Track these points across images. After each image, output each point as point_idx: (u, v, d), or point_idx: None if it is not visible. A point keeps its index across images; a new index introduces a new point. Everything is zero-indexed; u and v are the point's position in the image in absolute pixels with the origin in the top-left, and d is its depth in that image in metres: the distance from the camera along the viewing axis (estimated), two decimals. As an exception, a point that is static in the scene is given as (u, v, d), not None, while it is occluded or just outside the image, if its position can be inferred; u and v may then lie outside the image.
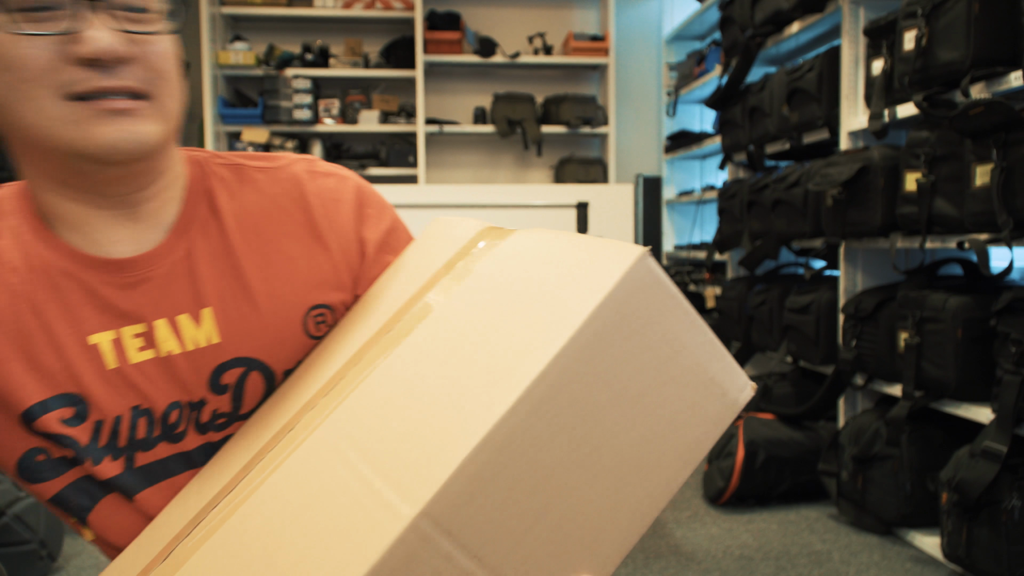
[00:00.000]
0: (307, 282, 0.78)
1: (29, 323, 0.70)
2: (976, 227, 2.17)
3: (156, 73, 0.68)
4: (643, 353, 0.56)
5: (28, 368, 0.69)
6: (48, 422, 0.70)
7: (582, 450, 0.54)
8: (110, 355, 0.72)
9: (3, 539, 2.11)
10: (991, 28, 2.12)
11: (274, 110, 4.43)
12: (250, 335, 0.76)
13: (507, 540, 0.52)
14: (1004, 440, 2.02)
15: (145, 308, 0.73)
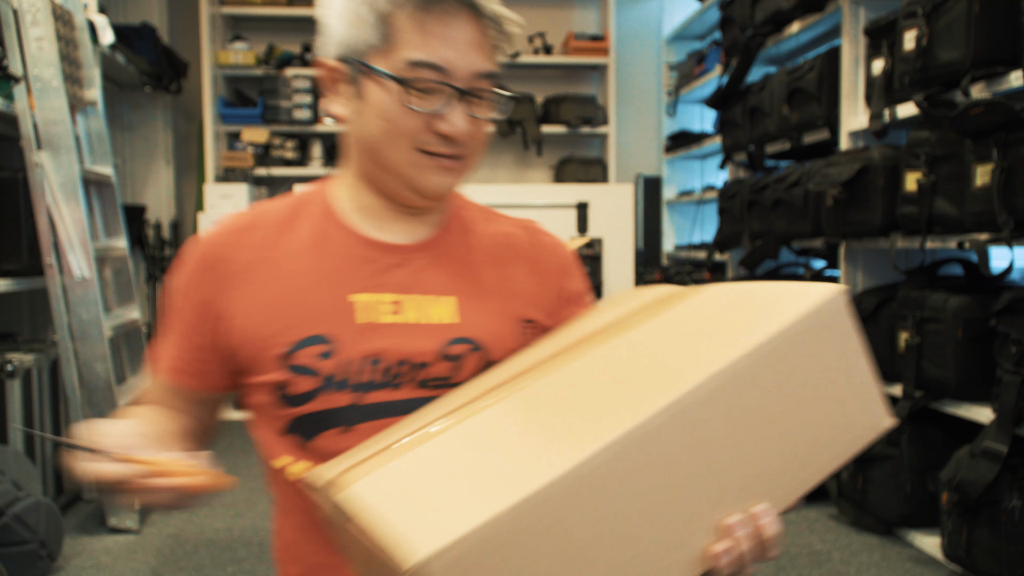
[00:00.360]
0: (524, 300, 0.99)
1: (307, 281, 0.91)
2: (976, 227, 2.16)
3: (477, 143, 0.92)
4: (826, 360, 0.73)
5: (300, 312, 0.90)
6: (303, 356, 0.88)
7: (773, 410, 0.70)
8: (362, 312, 0.91)
9: (3, 539, 2.11)
10: (991, 28, 2.12)
11: (274, 110, 4.43)
12: (479, 324, 0.94)
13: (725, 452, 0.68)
14: (1004, 440, 2.01)
15: (400, 284, 0.93)
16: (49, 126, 2.54)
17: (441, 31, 0.86)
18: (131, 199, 4.48)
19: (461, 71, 0.87)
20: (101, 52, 3.34)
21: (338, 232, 0.94)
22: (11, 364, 2.52)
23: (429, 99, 0.87)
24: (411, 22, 0.86)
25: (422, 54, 0.86)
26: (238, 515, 2.81)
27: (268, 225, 0.95)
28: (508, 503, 0.60)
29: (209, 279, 0.93)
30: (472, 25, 0.87)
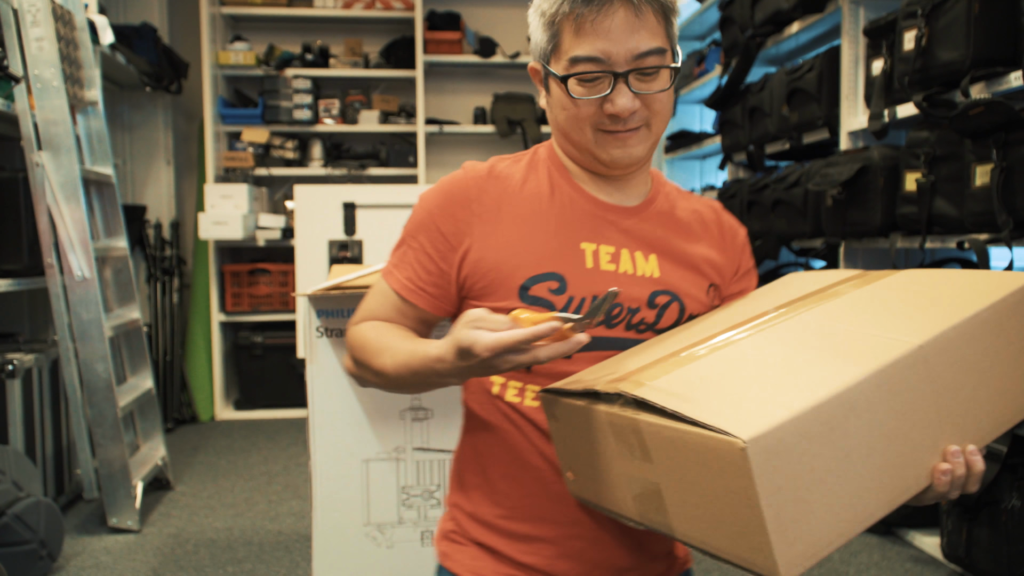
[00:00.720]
0: (710, 267, 1.13)
1: (545, 226, 1.07)
2: (976, 227, 2.17)
3: (652, 112, 1.04)
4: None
5: (539, 252, 1.05)
6: (539, 289, 1.04)
7: (985, 365, 0.88)
8: (590, 258, 1.06)
9: (3, 539, 2.11)
10: (991, 28, 2.12)
11: (274, 110, 4.43)
12: (678, 280, 1.10)
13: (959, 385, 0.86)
14: (1004, 440, 2.02)
15: (618, 239, 1.09)
16: (49, 126, 2.54)
17: (596, 26, 0.98)
18: (131, 199, 4.48)
19: (619, 56, 0.98)
20: (101, 52, 3.35)
21: (570, 188, 1.10)
22: (11, 364, 2.52)
23: (594, 87, 1.01)
24: (570, 23, 0.99)
25: (580, 50, 0.99)
26: (238, 515, 2.81)
27: (511, 175, 1.10)
28: (813, 402, 0.73)
29: (460, 215, 1.07)
30: (626, 11, 0.98)
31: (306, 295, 1.77)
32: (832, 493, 0.75)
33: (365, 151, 4.66)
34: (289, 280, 4.38)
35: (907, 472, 0.82)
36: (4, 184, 2.65)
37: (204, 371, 4.34)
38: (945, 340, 0.83)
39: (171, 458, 3.31)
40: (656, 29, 1.00)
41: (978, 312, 0.86)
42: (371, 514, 1.83)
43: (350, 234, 2.69)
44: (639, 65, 0.99)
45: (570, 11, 0.98)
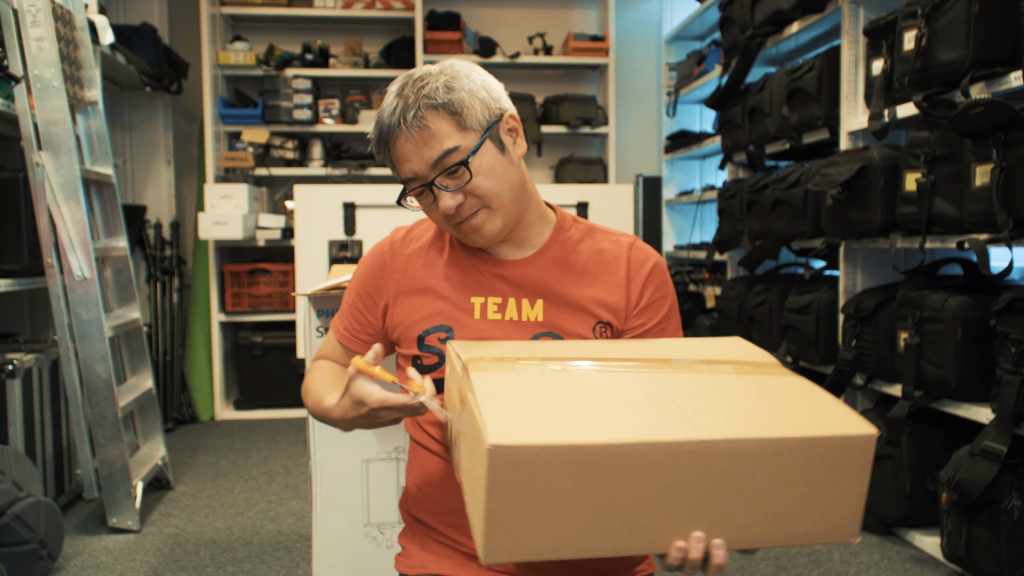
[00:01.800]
0: (602, 307, 1.21)
1: (441, 285, 1.22)
2: (976, 227, 2.17)
3: (480, 195, 1.14)
4: (836, 473, 0.89)
5: (433, 308, 1.21)
6: (431, 339, 1.20)
7: (774, 484, 0.88)
8: (478, 311, 1.20)
9: (3, 539, 2.11)
10: (991, 28, 2.12)
11: (274, 110, 4.43)
12: (562, 321, 1.20)
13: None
14: (1004, 440, 2.02)
15: (505, 290, 1.21)
16: (49, 126, 2.54)
17: (397, 155, 1.14)
18: (131, 199, 4.48)
19: (422, 170, 1.12)
20: (101, 52, 3.35)
21: (465, 252, 1.24)
22: (11, 364, 2.52)
23: (424, 198, 1.16)
24: (387, 159, 1.17)
25: (401, 174, 1.15)
26: (238, 515, 2.81)
27: (421, 238, 1.27)
28: (576, 441, 0.82)
29: (379, 276, 1.25)
30: (404, 137, 1.11)
31: (306, 295, 1.77)
32: (562, 516, 0.84)
33: (365, 151, 4.66)
34: (289, 280, 4.38)
35: (643, 534, 0.88)
36: (4, 184, 2.65)
37: (204, 371, 4.34)
38: (739, 445, 0.85)
39: (171, 458, 3.31)
40: (441, 131, 1.10)
41: (791, 438, 0.87)
42: (371, 514, 1.83)
43: (350, 234, 2.69)
44: (441, 168, 1.11)
45: (378, 153, 1.16)
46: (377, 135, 1.14)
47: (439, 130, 1.10)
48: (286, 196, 4.67)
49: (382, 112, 1.13)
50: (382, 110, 1.13)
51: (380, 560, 1.83)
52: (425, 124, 1.10)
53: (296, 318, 3.03)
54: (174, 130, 4.58)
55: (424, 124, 1.10)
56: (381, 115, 1.13)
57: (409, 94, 1.11)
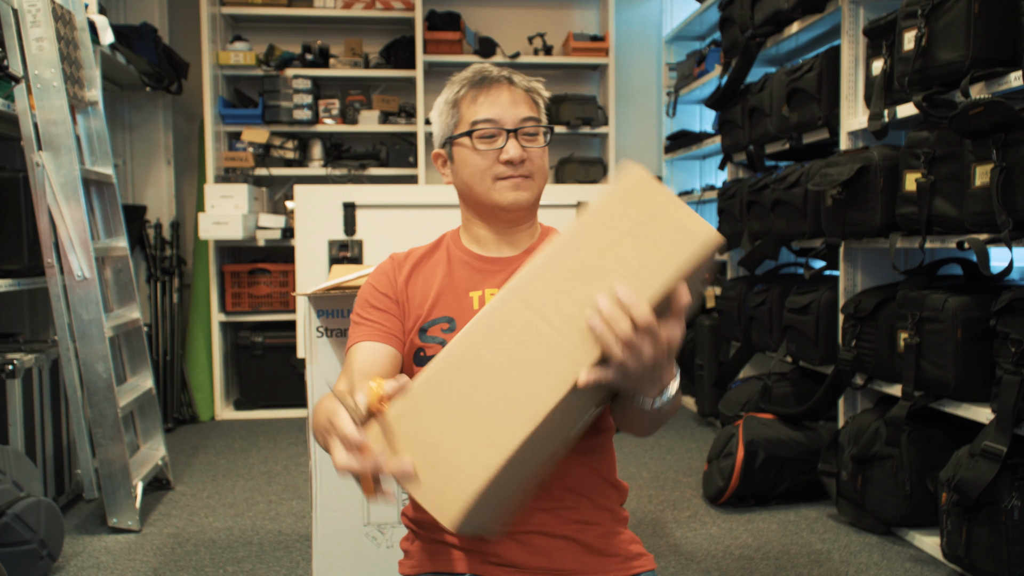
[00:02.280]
0: None
1: (441, 284, 1.32)
2: (976, 227, 2.17)
3: (536, 166, 1.30)
4: (644, 208, 0.97)
5: (434, 302, 1.30)
6: (434, 330, 1.29)
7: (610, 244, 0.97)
8: (476, 302, 1.30)
9: (3, 539, 2.11)
10: (991, 28, 2.12)
11: (274, 110, 4.43)
12: None
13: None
14: (1004, 440, 2.02)
15: (499, 284, 1.27)
16: (49, 126, 2.54)
17: (488, 98, 1.28)
18: (131, 199, 4.48)
19: (508, 118, 1.27)
20: (101, 52, 3.35)
21: (461, 253, 1.35)
22: (11, 364, 2.52)
23: (492, 141, 1.27)
24: (468, 100, 1.29)
25: (478, 115, 1.27)
26: (238, 515, 2.81)
27: (421, 254, 1.38)
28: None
29: (392, 279, 1.34)
30: (510, 90, 1.29)
31: (306, 295, 1.77)
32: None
33: (365, 151, 4.66)
34: (289, 280, 4.38)
35: (550, 369, 0.92)
36: (4, 184, 2.65)
37: (204, 371, 4.34)
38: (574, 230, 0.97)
39: (171, 458, 3.31)
40: (531, 105, 1.30)
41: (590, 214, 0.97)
42: (371, 514, 1.83)
43: (350, 234, 2.69)
44: (522, 127, 1.28)
45: (467, 92, 1.29)
46: (473, 77, 1.29)
47: (529, 103, 1.30)
48: (286, 196, 4.67)
49: (481, 67, 1.31)
50: (480, 67, 1.31)
51: (380, 560, 1.83)
52: (524, 90, 1.30)
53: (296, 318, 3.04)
54: (174, 130, 4.58)
55: (524, 89, 1.30)
56: (480, 68, 1.30)
57: (510, 72, 1.31)
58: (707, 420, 4.08)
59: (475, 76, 1.30)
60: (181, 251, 4.53)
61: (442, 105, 1.33)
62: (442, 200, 3.12)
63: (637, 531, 2.60)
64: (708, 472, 2.95)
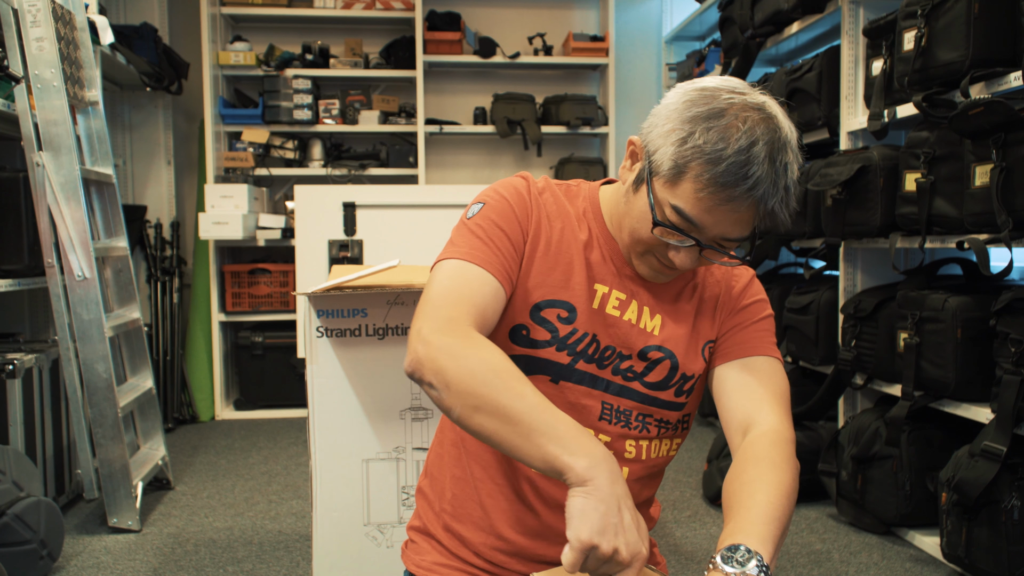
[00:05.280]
0: (709, 329, 1.18)
1: (572, 262, 1.12)
2: (976, 227, 2.17)
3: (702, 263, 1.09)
4: None
5: (559, 280, 1.11)
6: (550, 313, 1.10)
7: None
8: (598, 299, 1.12)
9: (4, 539, 2.11)
10: (991, 28, 2.12)
11: (274, 110, 4.43)
12: (674, 341, 1.15)
13: None
14: (1003, 440, 2.02)
15: (632, 290, 1.14)
16: (50, 126, 2.54)
17: (716, 208, 0.98)
18: (132, 199, 4.48)
19: (711, 232, 1.01)
20: (101, 52, 3.35)
21: (604, 239, 1.15)
22: (12, 364, 2.52)
23: (672, 235, 1.02)
24: (696, 184, 0.97)
25: (688, 210, 0.99)
26: (238, 515, 2.81)
27: (563, 208, 1.15)
28: None
29: (531, 217, 1.12)
30: (748, 211, 1.00)
31: (306, 295, 1.77)
32: None
33: (365, 151, 4.66)
34: (289, 280, 4.38)
35: None
36: (4, 184, 2.66)
37: (204, 371, 4.34)
38: None
39: (171, 458, 3.31)
40: (752, 224, 1.03)
41: None
42: (371, 514, 1.83)
43: (350, 234, 2.69)
44: (722, 244, 1.03)
45: (703, 179, 0.97)
46: (724, 175, 0.95)
47: (758, 219, 1.02)
48: (286, 196, 4.67)
49: (749, 162, 0.95)
50: (750, 158, 0.95)
51: (380, 560, 1.83)
52: (766, 214, 1.01)
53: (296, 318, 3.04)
54: (174, 130, 4.58)
55: (766, 214, 1.01)
56: (746, 163, 0.95)
57: (780, 175, 0.99)
58: (707, 420, 4.08)
59: (730, 179, 0.95)
60: (181, 251, 4.53)
61: (673, 123, 1.00)
62: (442, 200, 3.12)
63: (637, 531, 2.60)
64: (708, 472, 2.95)
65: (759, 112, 0.98)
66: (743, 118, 0.97)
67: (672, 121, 1.00)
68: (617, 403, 1.13)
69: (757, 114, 0.97)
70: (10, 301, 3.36)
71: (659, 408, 1.15)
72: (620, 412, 1.14)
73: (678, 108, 1.00)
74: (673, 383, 1.15)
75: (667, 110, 1.02)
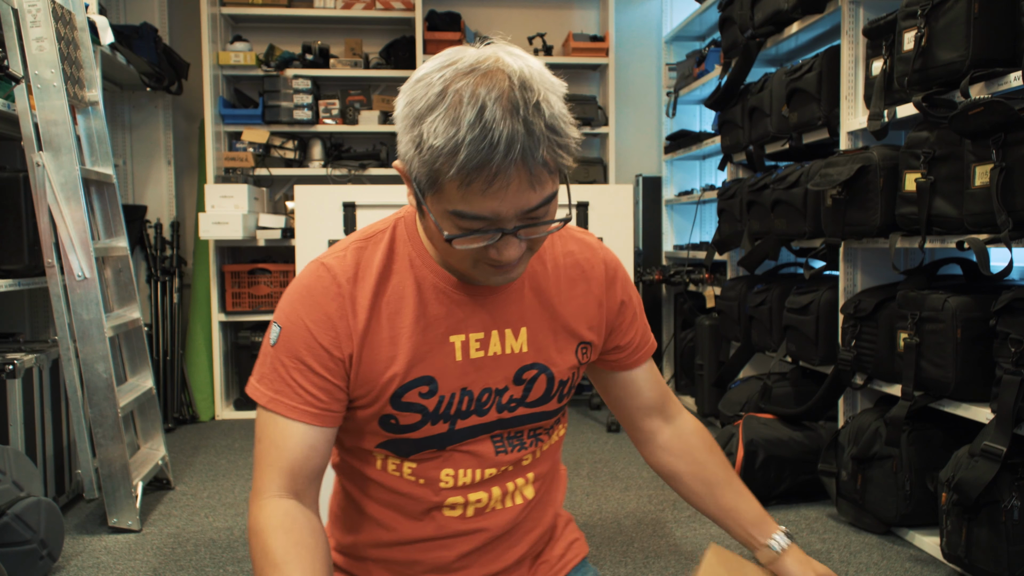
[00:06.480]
0: (583, 321, 1.12)
1: (413, 326, 1.01)
2: (976, 227, 2.17)
3: (537, 243, 0.96)
4: None
5: (409, 356, 1.01)
6: (411, 395, 1.02)
7: None
8: (459, 351, 1.03)
9: (3, 539, 2.11)
10: (990, 28, 2.12)
11: (274, 110, 4.43)
12: (546, 349, 1.09)
13: None
14: (1003, 440, 2.02)
15: (487, 322, 1.05)
16: (50, 126, 2.54)
17: (487, 192, 0.85)
18: (132, 199, 4.48)
19: (508, 215, 0.88)
20: (101, 52, 3.35)
21: (434, 276, 1.03)
22: (12, 364, 2.52)
23: (474, 240, 0.91)
24: (455, 182, 0.85)
25: (465, 207, 0.87)
26: (238, 515, 2.81)
27: (372, 269, 1.02)
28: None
29: (338, 325, 1.00)
30: (521, 178, 0.86)
31: (306, 295, 1.77)
32: None
33: (365, 151, 4.66)
34: (289, 280, 4.38)
35: None
36: (4, 184, 2.66)
37: (204, 371, 4.34)
38: None
39: (171, 458, 3.31)
40: (550, 176, 0.89)
41: None
42: (371, 514, 1.83)
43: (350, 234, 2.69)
44: (530, 216, 0.90)
45: (456, 175, 0.84)
46: (470, 160, 0.83)
47: (548, 175, 0.88)
48: (286, 196, 4.67)
49: (487, 130, 0.83)
50: (486, 127, 0.83)
51: (380, 560, 1.82)
52: (543, 166, 0.86)
53: (296, 318, 3.06)
54: (174, 130, 4.58)
55: (542, 166, 0.86)
56: (486, 134, 0.83)
57: (532, 120, 0.85)
58: (707, 420, 4.08)
59: (472, 160, 0.83)
60: (181, 251, 4.53)
61: (410, 127, 0.89)
62: (442, 200, 3.12)
63: (637, 531, 2.60)
64: (708, 472, 2.95)
65: (474, 72, 0.86)
66: (461, 88, 0.85)
67: (405, 130, 0.89)
68: (507, 432, 1.11)
69: (473, 76, 0.86)
70: (10, 301, 3.36)
71: (546, 418, 1.14)
72: (512, 438, 1.12)
73: (402, 112, 0.90)
74: (553, 393, 1.12)
75: (399, 120, 0.91)
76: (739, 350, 3.62)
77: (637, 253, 4.73)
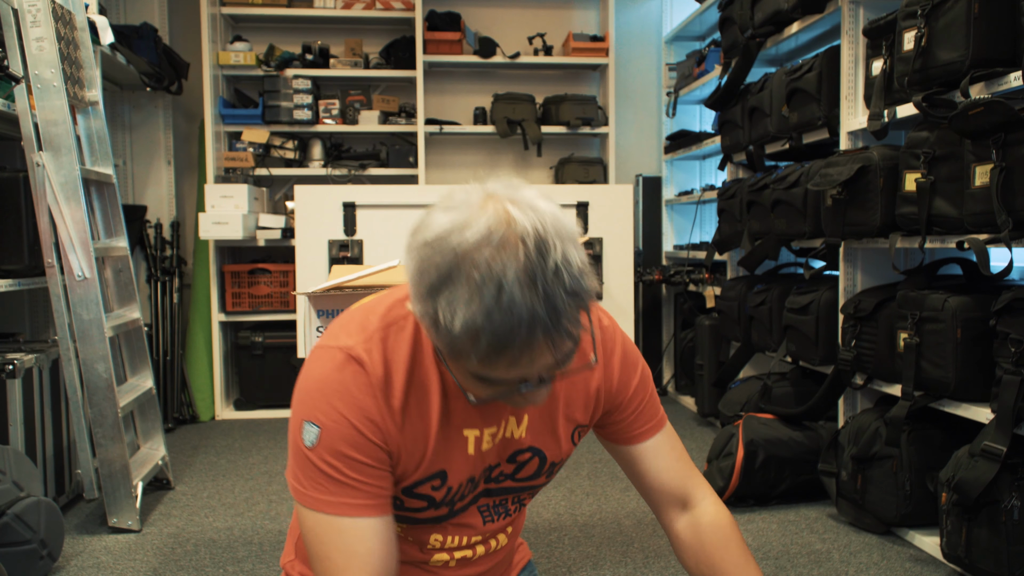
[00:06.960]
0: (578, 404, 1.12)
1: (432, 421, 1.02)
2: (976, 227, 2.17)
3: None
4: None
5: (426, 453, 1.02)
6: (423, 488, 1.05)
7: None
8: (472, 445, 1.06)
9: (3, 539, 2.11)
10: (990, 28, 2.12)
11: (274, 110, 4.43)
12: (543, 436, 1.11)
13: None
14: (1003, 440, 2.02)
15: (500, 414, 1.07)
16: (50, 126, 2.54)
17: (511, 365, 0.84)
18: (131, 199, 4.48)
19: (532, 375, 0.87)
20: (101, 52, 3.35)
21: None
22: (12, 364, 2.52)
23: (495, 388, 0.90)
24: (478, 363, 0.84)
25: (491, 373, 0.86)
26: (238, 515, 2.81)
27: (400, 371, 0.99)
28: None
29: (376, 426, 0.98)
30: (544, 345, 0.83)
31: (306, 295, 1.78)
32: None
33: (365, 151, 4.66)
34: (289, 280, 4.38)
35: None
36: (4, 184, 2.66)
37: (204, 371, 4.34)
38: None
39: (171, 458, 3.31)
40: (567, 345, 0.86)
41: None
42: (371, 514, 1.83)
43: (350, 234, 2.69)
44: (565, 365, 0.89)
45: (484, 360, 0.83)
46: (491, 346, 0.81)
47: (572, 337, 0.86)
48: (286, 196, 4.67)
49: (507, 314, 0.79)
50: (505, 310, 0.79)
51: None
52: (566, 336, 0.84)
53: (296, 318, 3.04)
54: (174, 130, 4.58)
55: (566, 336, 0.84)
56: (506, 318, 0.80)
57: (553, 290, 0.80)
58: (707, 420, 4.08)
59: (498, 342, 0.81)
60: (181, 251, 4.53)
61: (422, 306, 0.86)
62: (442, 200, 3.12)
63: (637, 531, 2.60)
64: (708, 472, 2.95)
65: (489, 241, 0.80)
66: (475, 263, 0.80)
67: (417, 298, 0.86)
68: (494, 501, 1.16)
69: (488, 248, 0.80)
70: (10, 301, 3.36)
71: (531, 491, 1.19)
72: (498, 506, 1.17)
73: (414, 281, 0.86)
74: (544, 472, 1.15)
75: (409, 279, 0.88)
76: (739, 350, 3.62)
77: (637, 253, 4.74)
